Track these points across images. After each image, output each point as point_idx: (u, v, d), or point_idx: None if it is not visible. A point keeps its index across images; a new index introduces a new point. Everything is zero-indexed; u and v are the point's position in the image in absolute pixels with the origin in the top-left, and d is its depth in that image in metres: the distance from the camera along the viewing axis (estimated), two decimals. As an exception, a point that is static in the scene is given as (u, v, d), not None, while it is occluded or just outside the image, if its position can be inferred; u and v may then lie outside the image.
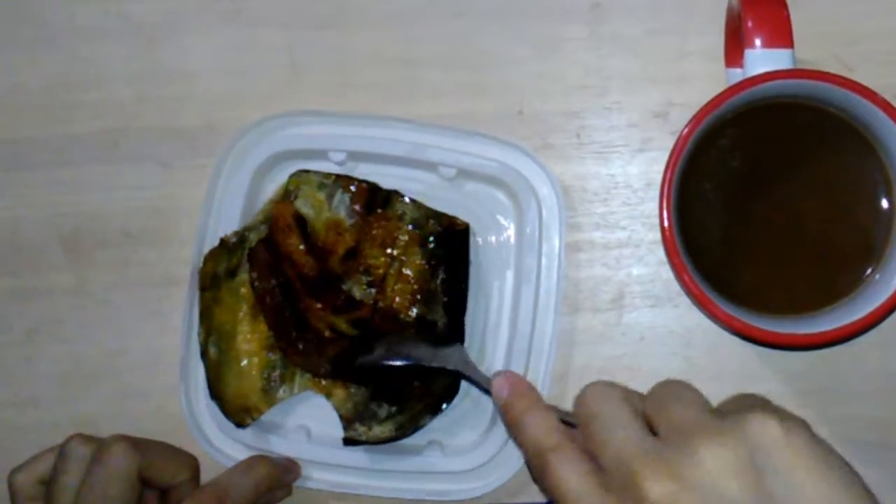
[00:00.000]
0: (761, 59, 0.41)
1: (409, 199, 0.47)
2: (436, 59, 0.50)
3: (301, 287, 0.47)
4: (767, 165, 0.44)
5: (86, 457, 0.43)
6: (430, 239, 0.47)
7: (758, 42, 0.41)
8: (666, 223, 0.42)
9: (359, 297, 0.47)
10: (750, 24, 0.41)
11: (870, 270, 0.44)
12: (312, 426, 0.49)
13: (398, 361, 0.45)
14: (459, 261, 0.47)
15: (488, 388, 0.42)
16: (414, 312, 0.47)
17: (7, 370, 0.51)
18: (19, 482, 0.44)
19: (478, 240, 0.49)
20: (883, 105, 0.41)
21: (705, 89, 0.43)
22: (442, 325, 0.47)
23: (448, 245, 0.47)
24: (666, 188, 0.41)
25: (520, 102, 0.49)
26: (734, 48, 0.47)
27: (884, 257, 0.43)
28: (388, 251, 0.47)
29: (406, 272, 0.47)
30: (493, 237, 0.49)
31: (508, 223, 0.49)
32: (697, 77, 0.49)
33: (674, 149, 0.42)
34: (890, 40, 0.48)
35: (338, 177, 0.48)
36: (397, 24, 0.50)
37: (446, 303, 0.47)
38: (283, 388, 0.48)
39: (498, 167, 0.48)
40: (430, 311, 0.47)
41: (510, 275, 0.49)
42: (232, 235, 0.48)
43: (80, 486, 0.42)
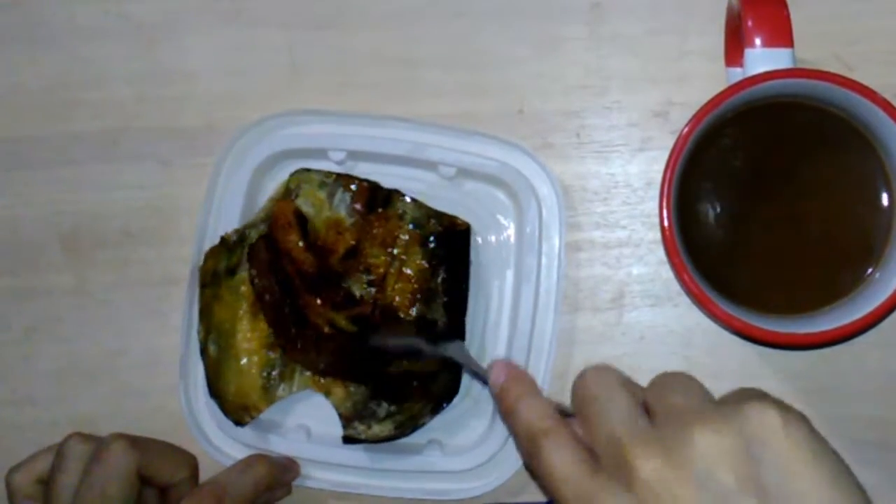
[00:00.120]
0: (761, 58, 0.41)
1: (410, 199, 0.47)
2: (436, 59, 0.50)
3: (300, 284, 0.47)
4: (767, 165, 0.44)
5: (84, 455, 0.43)
6: (431, 239, 0.47)
7: (758, 41, 0.41)
8: (666, 222, 0.41)
9: (359, 295, 0.47)
10: (750, 23, 0.41)
11: (870, 270, 0.44)
12: (312, 425, 0.49)
13: (401, 342, 0.45)
14: (460, 261, 0.47)
15: (485, 379, 0.41)
16: (414, 312, 0.47)
17: (6, 369, 0.51)
18: (17, 482, 0.44)
19: (477, 239, 0.49)
20: (883, 104, 0.41)
21: (705, 89, 0.43)
22: (442, 325, 0.47)
23: (449, 245, 0.47)
24: (666, 187, 0.41)
25: (520, 102, 0.50)
26: (734, 47, 0.47)
27: (884, 257, 0.43)
28: (388, 250, 0.47)
29: (406, 271, 0.47)
30: (493, 236, 0.49)
31: (508, 222, 0.49)
32: (697, 76, 0.49)
33: (674, 148, 0.42)
34: (890, 40, 0.48)
35: (339, 175, 0.48)
36: (397, 24, 0.50)
37: (447, 303, 0.47)
38: (282, 386, 0.48)
39: (498, 166, 0.48)
40: (431, 310, 0.47)
41: (510, 274, 0.49)
42: (233, 233, 0.48)
43: (78, 484, 0.42)
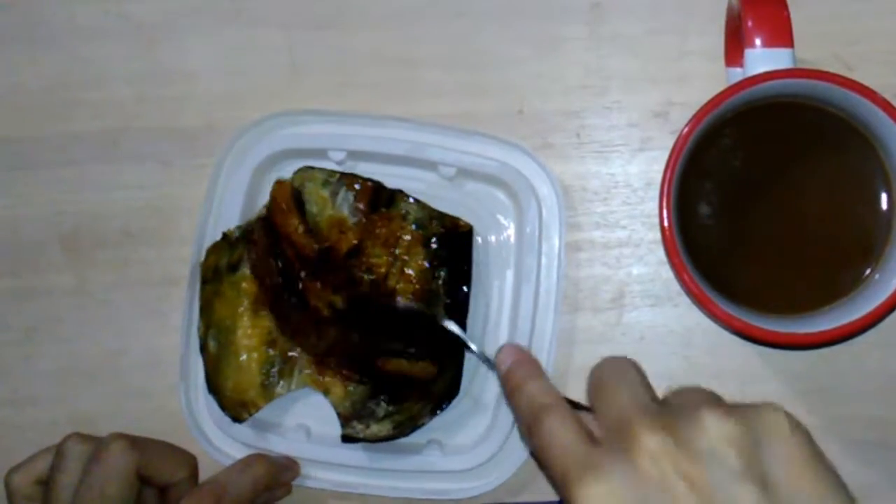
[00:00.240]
0: (761, 58, 0.41)
1: (413, 199, 0.47)
2: (436, 59, 0.50)
3: (300, 267, 0.47)
4: (767, 165, 0.44)
5: (83, 456, 0.43)
6: (433, 240, 0.47)
7: (758, 41, 0.41)
8: (666, 223, 0.41)
9: (358, 277, 0.47)
10: (750, 23, 0.41)
11: (869, 270, 0.44)
12: (312, 425, 0.49)
13: (410, 306, 0.46)
14: (462, 262, 0.47)
15: (489, 360, 0.43)
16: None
17: (6, 369, 0.51)
18: (16, 482, 0.44)
19: (478, 239, 0.48)
20: (883, 105, 0.41)
21: (705, 89, 0.43)
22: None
23: (451, 246, 0.47)
24: (666, 187, 0.41)
25: (520, 102, 0.50)
26: (734, 47, 0.47)
27: (883, 257, 0.43)
28: (390, 250, 0.47)
29: (407, 272, 0.47)
30: (493, 236, 0.49)
31: (508, 222, 0.49)
32: (697, 76, 0.49)
33: (674, 148, 0.42)
34: (890, 40, 0.48)
35: (342, 174, 0.48)
36: (397, 24, 0.50)
37: (448, 304, 0.47)
38: (281, 383, 0.48)
39: (498, 166, 0.48)
40: (432, 311, 0.47)
41: (510, 274, 0.49)
42: (235, 230, 0.48)
43: (77, 485, 0.42)
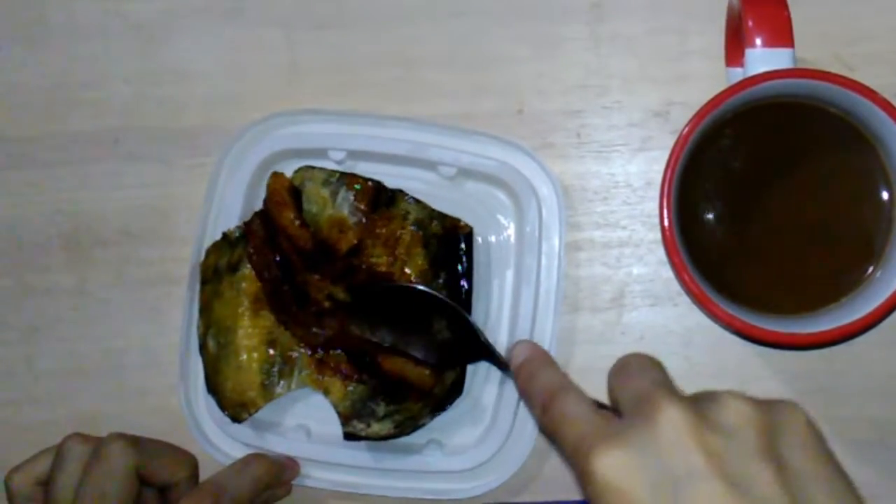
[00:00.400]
0: (762, 58, 0.41)
1: (414, 199, 0.47)
2: (436, 59, 0.50)
3: (297, 259, 0.47)
4: (768, 165, 0.44)
5: (83, 456, 0.43)
6: (433, 240, 0.47)
7: (758, 41, 0.41)
8: (666, 222, 0.41)
9: (356, 263, 0.47)
10: (750, 23, 0.41)
11: (870, 270, 0.44)
12: (312, 425, 0.49)
13: (420, 286, 0.46)
14: (462, 263, 0.47)
15: (498, 356, 0.43)
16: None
17: (6, 368, 0.51)
18: (16, 483, 0.44)
19: (478, 239, 0.48)
20: (883, 104, 0.41)
21: (705, 89, 0.43)
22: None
23: (451, 247, 0.47)
24: (666, 187, 0.41)
25: (520, 102, 0.49)
26: (734, 47, 0.47)
27: (884, 256, 0.43)
28: (390, 250, 0.47)
29: (407, 272, 0.47)
30: (493, 236, 0.49)
31: (508, 222, 0.49)
32: (697, 76, 0.49)
33: (674, 148, 0.42)
34: (890, 40, 0.48)
35: (342, 174, 0.48)
36: (397, 24, 0.50)
37: (448, 305, 0.47)
38: (281, 383, 0.48)
39: (498, 166, 0.48)
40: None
41: (510, 274, 0.48)
42: (235, 229, 0.48)
43: (78, 485, 0.42)
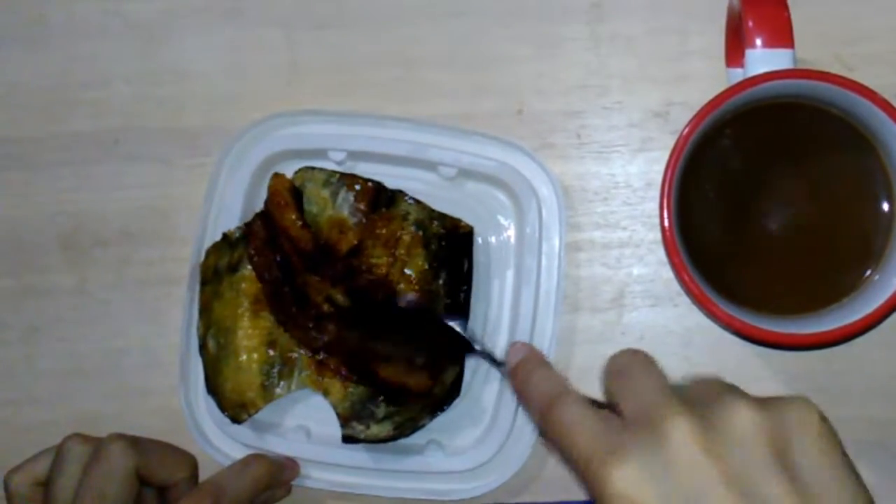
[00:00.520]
0: (762, 58, 0.41)
1: (414, 200, 0.47)
2: (436, 59, 0.50)
3: (298, 261, 0.47)
4: (768, 165, 0.44)
5: (83, 456, 0.43)
6: (434, 241, 0.47)
7: (758, 42, 0.41)
8: (666, 223, 0.41)
9: (356, 265, 0.47)
10: (750, 23, 0.41)
11: (870, 270, 0.44)
12: (312, 426, 0.49)
13: (411, 304, 0.46)
14: (462, 264, 0.47)
15: (492, 357, 0.43)
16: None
17: (6, 369, 0.51)
18: (15, 483, 0.43)
19: (478, 239, 0.48)
20: (883, 105, 0.41)
21: (706, 89, 0.43)
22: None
23: (451, 247, 0.47)
24: (666, 188, 0.41)
25: (520, 102, 0.49)
26: (735, 48, 0.47)
27: (884, 257, 0.43)
28: (390, 251, 0.47)
29: (407, 272, 0.47)
30: (493, 237, 0.49)
31: (509, 223, 0.49)
32: (698, 77, 0.49)
33: (674, 148, 0.42)
34: (890, 40, 0.48)
35: (343, 175, 0.48)
36: (397, 24, 0.50)
37: (448, 305, 0.47)
38: (281, 384, 0.48)
39: (498, 167, 0.48)
40: (433, 308, 0.47)
41: (510, 275, 0.48)
42: (235, 230, 0.48)
43: (77, 485, 0.42)
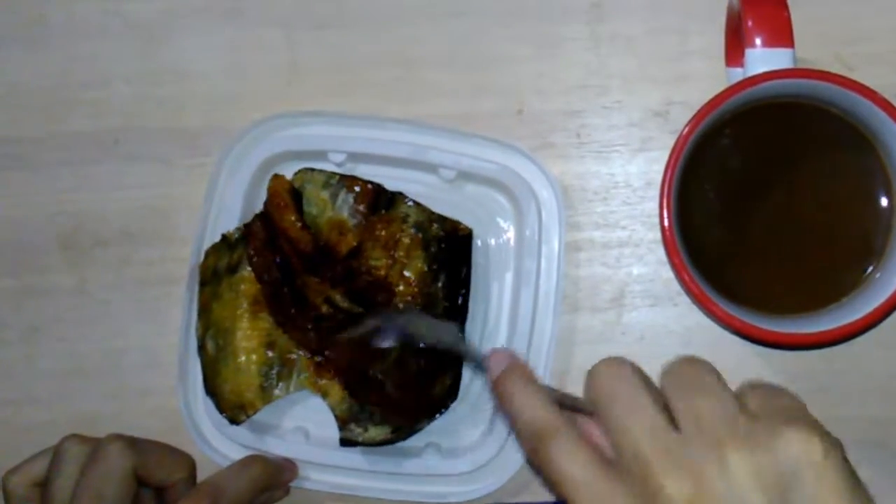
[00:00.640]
0: (761, 58, 0.41)
1: (413, 202, 0.47)
2: (436, 59, 0.50)
3: (297, 262, 0.47)
4: (768, 165, 0.44)
5: (81, 457, 0.42)
6: (433, 243, 0.47)
7: (758, 41, 0.41)
8: (666, 222, 0.41)
9: (355, 266, 0.47)
10: (750, 23, 0.41)
11: (870, 270, 0.44)
12: (311, 428, 0.49)
13: (388, 337, 0.44)
14: (461, 266, 0.47)
15: (482, 365, 0.41)
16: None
17: (6, 369, 0.51)
18: (13, 484, 0.43)
19: (477, 241, 0.48)
20: (883, 105, 0.41)
21: (705, 89, 0.43)
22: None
23: (450, 250, 0.47)
24: (666, 187, 0.41)
25: (520, 102, 0.49)
26: (734, 47, 0.47)
27: (884, 257, 0.43)
28: (390, 253, 0.47)
29: (407, 274, 0.47)
30: (492, 239, 0.49)
31: (508, 225, 0.49)
32: (698, 76, 0.49)
33: (674, 148, 0.42)
34: (890, 40, 0.48)
35: (342, 176, 0.48)
36: (397, 24, 0.50)
37: (447, 308, 0.47)
38: (280, 385, 0.48)
39: (498, 169, 0.48)
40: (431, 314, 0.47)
41: (510, 277, 0.48)
42: (234, 231, 0.48)
43: (75, 486, 0.42)
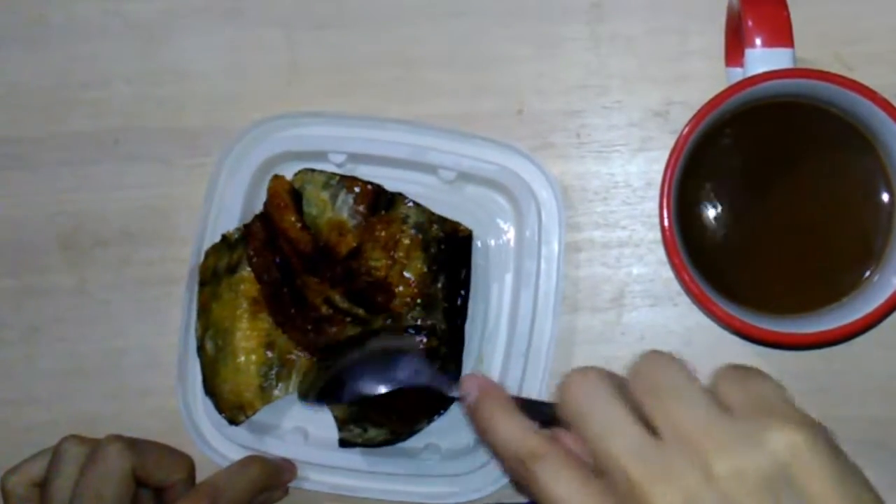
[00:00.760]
0: (761, 58, 0.41)
1: (413, 203, 0.47)
2: (436, 59, 0.50)
3: (297, 262, 0.47)
4: (767, 165, 0.44)
5: (80, 457, 0.42)
6: (433, 244, 0.47)
7: (758, 41, 0.41)
8: (666, 222, 0.41)
9: (355, 267, 0.47)
10: (750, 23, 0.41)
11: (870, 270, 0.44)
12: (310, 428, 0.49)
13: (350, 395, 0.44)
14: (461, 267, 0.47)
15: (454, 395, 0.40)
16: (413, 316, 0.47)
17: (6, 369, 0.51)
18: (12, 484, 0.43)
19: (477, 242, 0.48)
20: (883, 104, 0.41)
21: (705, 89, 0.43)
22: (441, 331, 0.47)
23: (450, 251, 0.47)
24: (666, 187, 0.41)
25: (520, 102, 0.49)
26: (734, 47, 0.47)
27: (884, 257, 0.43)
28: (389, 254, 0.47)
29: (406, 275, 0.47)
30: (492, 240, 0.49)
31: (508, 226, 0.49)
32: (697, 76, 0.49)
33: (674, 148, 0.42)
34: (890, 40, 0.48)
35: (342, 177, 0.47)
36: (397, 24, 0.50)
37: (446, 309, 0.47)
38: (279, 386, 0.48)
39: (498, 170, 0.48)
40: (430, 316, 0.47)
41: (509, 278, 0.48)
42: (234, 231, 0.48)
43: (74, 486, 0.42)
